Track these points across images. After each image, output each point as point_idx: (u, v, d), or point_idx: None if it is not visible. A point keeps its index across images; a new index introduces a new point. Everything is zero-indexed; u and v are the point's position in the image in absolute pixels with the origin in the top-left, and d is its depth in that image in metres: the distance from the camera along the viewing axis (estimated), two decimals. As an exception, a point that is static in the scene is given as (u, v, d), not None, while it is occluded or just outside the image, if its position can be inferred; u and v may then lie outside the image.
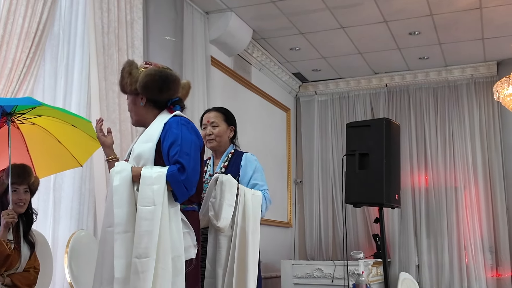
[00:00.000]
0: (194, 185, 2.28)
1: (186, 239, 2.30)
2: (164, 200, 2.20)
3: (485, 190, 6.62)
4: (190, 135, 2.32)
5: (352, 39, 6.15)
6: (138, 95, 2.41)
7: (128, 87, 2.42)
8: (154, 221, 2.16)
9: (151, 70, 2.40)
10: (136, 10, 4.16)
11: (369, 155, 3.55)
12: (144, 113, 2.43)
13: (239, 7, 5.43)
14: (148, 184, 2.20)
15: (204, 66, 5.44)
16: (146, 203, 2.18)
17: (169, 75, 2.42)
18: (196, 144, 2.33)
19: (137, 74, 2.40)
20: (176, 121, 2.36)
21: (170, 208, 2.24)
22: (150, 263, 2.12)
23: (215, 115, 3.11)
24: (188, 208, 2.40)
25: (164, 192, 2.20)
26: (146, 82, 2.36)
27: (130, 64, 2.46)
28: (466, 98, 6.88)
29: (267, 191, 2.97)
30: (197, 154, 2.33)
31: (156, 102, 2.43)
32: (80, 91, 3.70)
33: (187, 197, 2.28)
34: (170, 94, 2.42)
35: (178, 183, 2.22)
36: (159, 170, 2.24)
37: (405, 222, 6.89)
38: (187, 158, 2.25)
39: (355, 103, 7.43)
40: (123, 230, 2.18)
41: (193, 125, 2.42)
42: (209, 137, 3.06)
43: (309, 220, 7.39)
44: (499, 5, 5.26)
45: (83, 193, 3.64)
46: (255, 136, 6.48)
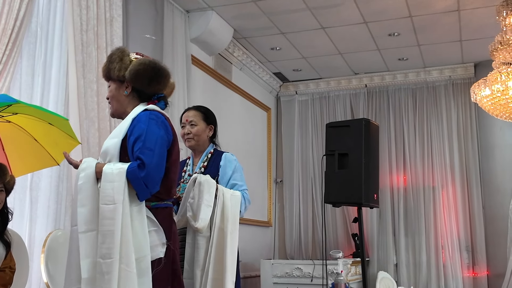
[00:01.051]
0: (157, 182, 2.19)
1: (153, 238, 2.21)
2: (125, 198, 2.13)
3: (462, 190, 6.72)
4: (157, 130, 2.24)
5: (333, 40, 6.18)
6: (123, 83, 2.36)
7: (116, 73, 2.35)
8: (116, 220, 2.09)
9: (145, 60, 2.36)
10: (116, 8, 4.12)
11: (349, 155, 3.57)
12: (126, 104, 2.37)
13: (220, 6, 5.42)
14: (109, 181, 2.14)
15: (185, 65, 5.41)
16: (107, 201, 2.12)
17: (162, 68, 2.38)
18: (163, 139, 2.24)
19: (128, 61, 2.36)
20: (145, 115, 2.28)
21: (133, 207, 2.16)
22: (114, 264, 2.06)
23: (194, 114, 3.10)
24: (158, 205, 2.30)
25: (124, 189, 2.13)
26: (138, 70, 2.31)
27: (122, 51, 2.41)
28: (444, 99, 6.97)
29: (246, 191, 2.97)
30: (163, 150, 2.24)
31: (141, 94, 2.37)
32: (58, 89, 3.65)
33: (148, 194, 2.19)
34: (158, 88, 2.38)
35: (138, 180, 2.14)
36: (121, 167, 2.17)
37: (384, 221, 6.96)
38: (149, 154, 2.16)
39: (335, 103, 7.48)
40: (87, 229, 2.13)
41: (164, 119, 2.32)
42: (187, 136, 3.05)
43: (289, 219, 7.41)
44: (477, 7, 5.34)
45: (60, 192, 3.59)
46: (235, 135, 6.47)
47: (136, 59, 2.38)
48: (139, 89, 2.36)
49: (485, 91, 4.48)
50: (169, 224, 2.30)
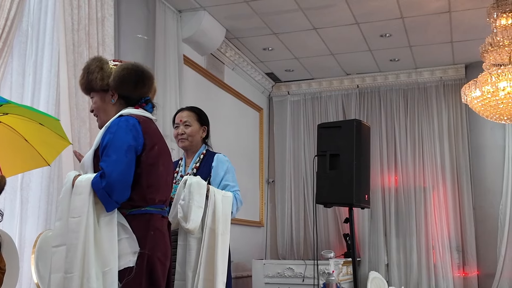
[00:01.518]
0: (121, 191, 2.11)
1: (123, 246, 2.12)
2: (89, 210, 2.08)
3: (452, 190, 6.76)
4: (124, 135, 2.16)
5: (325, 40, 6.20)
6: (108, 92, 2.31)
7: (99, 83, 2.29)
8: (79, 233, 2.05)
9: (127, 64, 2.32)
10: (107, 7, 4.10)
11: (340, 156, 3.57)
12: (113, 112, 2.30)
13: (212, 6, 5.42)
14: (78, 194, 2.11)
15: (177, 65, 5.40)
16: (74, 214, 2.09)
17: (145, 71, 2.34)
18: (128, 145, 2.15)
19: (109, 69, 2.30)
20: (116, 122, 2.22)
21: (102, 217, 2.11)
22: (74, 279, 2.03)
23: (188, 114, 3.10)
24: (136, 211, 2.20)
25: (89, 200, 2.09)
26: (122, 76, 2.26)
27: (100, 60, 2.35)
28: (435, 99, 7.01)
29: (238, 192, 2.97)
30: (128, 156, 2.14)
31: (128, 99, 2.32)
32: (48, 88, 3.63)
33: (114, 204, 2.11)
34: (144, 91, 2.33)
35: (100, 191, 2.09)
36: (87, 178, 2.13)
37: (375, 221, 6.98)
38: (110, 162, 2.11)
39: (327, 103, 7.50)
40: (59, 243, 2.12)
41: (135, 123, 2.22)
42: (181, 137, 3.05)
43: (280, 219, 7.43)
44: (467, 9, 5.38)
45: (51, 192, 3.58)
46: (227, 135, 6.47)
47: (116, 66, 2.33)
48: (125, 95, 2.31)
49: (476, 92, 4.51)
50: (145, 232, 2.18)
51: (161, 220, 2.30)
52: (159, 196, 2.28)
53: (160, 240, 2.25)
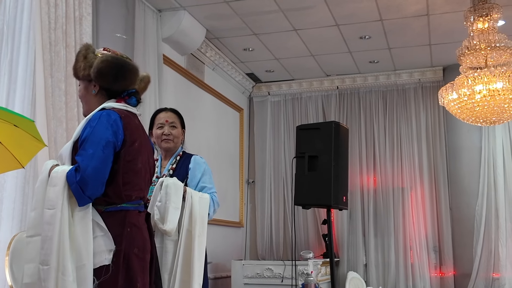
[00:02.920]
0: (95, 187, 2.08)
1: (98, 243, 2.10)
2: (64, 203, 2.06)
3: (430, 191, 6.84)
4: (103, 130, 2.14)
5: (305, 41, 6.22)
6: (91, 82, 2.29)
7: (81, 72, 2.28)
8: (54, 226, 2.04)
9: (107, 56, 2.27)
10: (85, 6, 4.06)
11: (318, 158, 3.59)
12: (95, 102, 2.28)
13: (193, 6, 5.40)
14: (53, 185, 2.09)
15: (156, 64, 5.37)
16: (49, 206, 2.08)
17: (126, 64, 2.29)
18: (107, 140, 2.13)
19: (93, 59, 2.27)
20: (97, 115, 2.19)
21: (76, 212, 2.09)
22: (50, 271, 2.02)
23: (174, 116, 3.10)
24: (111, 208, 2.18)
25: (63, 194, 2.07)
26: (100, 69, 2.22)
27: (87, 48, 2.32)
28: (414, 101, 7.09)
29: (215, 194, 2.96)
30: (106, 152, 2.12)
31: (109, 92, 2.29)
32: (24, 88, 3.57)
33: (87, 199, 2.09)
34: (126, 84, 2.29)
35: (74, 185, 2.07)
36: (63, 170, 2.12)
37: (354, 222, 7.03)
38: (86, 157, 2.08)
39: (307, 104, 7.53)
40: (34, 233, 2.11)
41: (117, 118, 2.19)
42: (167, 137, 3.03)
43: (260, 220, 7.43)
44: (445, 12, 5.44)
45: (26, 193, 3.52)
46: (207, 135, 6.45)
47: (102, 55, 2.29)
48: (106, 87, 2.28)
49: (452, 95, 4.57)
50: (121, 229, 2.16)
51: (137, 216, 2.27)
52: (136, 193, 2.27)
53: (137, 235, 2.23)
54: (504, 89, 4.32)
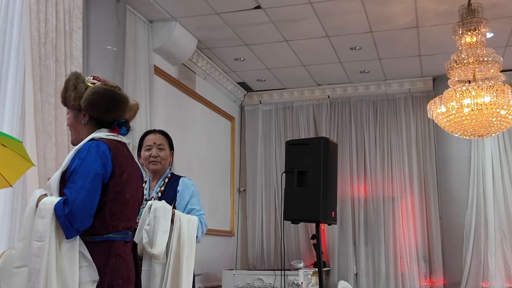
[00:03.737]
0: (83, 219, 2.09)
1: (83, 274, 2.09)
2: (52, 235, 2.07)
3: (420, 200, 6.88)
4: (92, 162, 2.14)
5: (296, 52, 6.25)
6: (81, 111, 2.29)
7: (72, 102, 2.28)
8: (42, 258, 2.04)
9: (99, 88, 2.27)
10: (76, 20, 4.05)
11: (308, 173, 3.60)
12: (84, 132, 2.29)
13: (184, 17, 5.41)
14: (41, 217, 2.09)
15: (147, 75, 5.37)
16: (37, 238, 2.07)
17: (118, 96, 2.29)
18: (95, 173, 2.13)
19: (83, 89, 2.27)
20: (86, 146, 2.20)
21: (64, 243, 2.09)
22: None
23: (162, 138, 3.10)
24: (97, 239, 2.18)
25: (51, 226, 2.07)
26: (92, 100, 2.23)
27: (77, 77, 2.31)
28: (404, 111, 7.13)
29: (203, 216, 2.97)
30: (94, 185, 2.12)
31: (99, 122, 2.30)
32: (13, 103, 3.56)
33: (74, 232, 2.09)
34: (117, 115, 2.30)
35: (62, 217, 2.07)
36: (51, 201, 2.12)
37: (345, 231, 7.06)
38: (75, 190, 2.08)
39: (299, 113, 7.56)
40: (21, 264, 2.11)
41: (106, 149, 2.20)
42: (155, 159, 3.02)
43: (251, 229, 7.44)
44: (434, 24, 5.49)
45: (15, 208, 3.51)
46: (199, 144, 6.46)
47: (92, 84, 2.29)
48: (97, 118, 2.29)
49: (441, 109, 4.61)
50: (106, 259, 2.16)
51: (123, 246, 2.28)
52: (123, 224, 2.27)
53: (122, 266, 2.23)
54: (492, 103, 4.36)
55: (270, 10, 5.21)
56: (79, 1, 4.08)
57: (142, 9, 5.22)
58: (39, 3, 3.68)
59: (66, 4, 3.95)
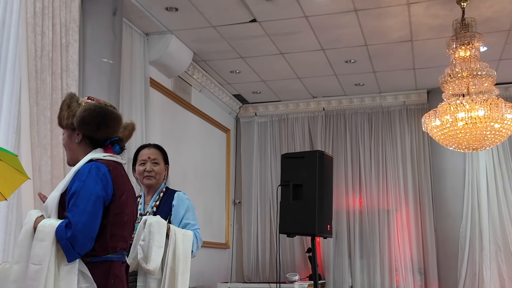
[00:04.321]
0: (85, 243, 2.09)
1: None
2: (51, 259, 2.05)
3: (415, 213, 6.90)
4: (93, 185, 2.14)
5: (291, 65, 6.28)
6: (74, 131, 2.29)
7: (65, 121, 2.30)
8: (39, 282, 2.03)
9: (90, 105, 2.28)
10: (72, 33, 4.07)
11: (303, 186, 3.62)
12: (78, 151, 2.29)
13: (180, 30, 5.44)
14: (40, 240, 2.07)
15: (143, 87, 5.39)
16: (34, 261, 2.05)
17: (109, 112, 2.30)
18: (97, 195, 2.13)
19: (76, 108, 2.28)
20: (86, 168, 2.19)
21: (63, 266, 2.08)
22: None
23: (157, 152, 3.09)
24: (96, 259, 2.18)
25: (52, 249, 2.06)
26: (83, 117, 2.24)
27: (71, 97, 2.33)
28: (399, 123, 7.17)
29: (198, 230, 2.96)
30: (96, 208, 2.12)
31: (92, 140, 2.30)
32: (9, 116, 3.56)
33: (76, 255, 2.09)
34: (109, 132, 2.31)
35: (64, 241, 2.06)
36: (51, 224, 2.10)
37: (340, 243, 7.05)
38: (77, 213, 2.08)
39: (294, 125, 7.58)
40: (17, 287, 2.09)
41: (106, 172, 2.21)
42: (149, 174, 3.01)
43: (247, 241, 7.42)
44: (428, 38, 5.54)
45: (9, 222, 3.49)
46: (194, 156, 6.47)
47: (86, 103, 2.30)
48: (89, 136, 2.30)
49: (435, 122, 4.63)
50: (105, 280, 2.16)
51: (120, 267, 2.27)
52: (121, 244, 2.27)
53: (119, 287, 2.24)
54: (486, 117, 4.39)
55: (265, 24, 5.25)
56: (75, 15, 4.10)
57: (138, 22, 5.25)
58: (36, 17, 3.69)
59: (63, 17, 3.97)
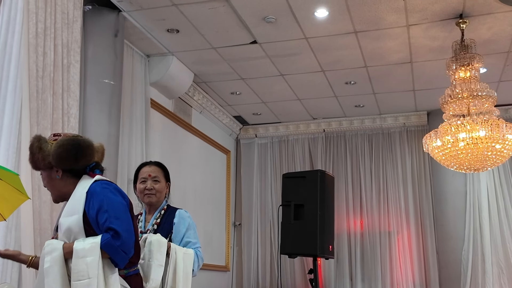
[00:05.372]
0: (132, 246, 2.23)
1: None
2: (99, 272, 2.15)
3: (416, 234, 6.84)
4: (115, 197, 2.27)
5: (291, 86, 6.30)
6: (53, 169, 2.34)
7: (41, 162, 2.33)
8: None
9: (62, 140, 2.33)
10: (74, 54, 4.08)
11: (304, 206, 3.60)
12: (63, 186, 2.35)
13: (181, 51, 5.48)
14: (81, 257, 2.15)
15: (144, 108, 5.40)
16: (80, 277, 2.13)
17: (82, 142, 2.36)
18: (123, 205, 2.28)
19: (48, 147, 2.33)
20: (98, 186, 2.29)
21: (109, 277, 2.18)
22: None
23: (157, 170, 3.06)
24: (130, 272, 2.34)
25: (98, 263, 2.15)
26: (59, 154, 2.29)
27: (38, 139, 2.37)
28: (399, 145, 7.17)
29: (199, 249, 2.92)
30: (127, 215, 2.27)
31: (73, 172, 2.36)
32: (9, 136, 3.54)
33: (127, 260, 2.23)
34: (87, 160, 2.36)
35: (116, 250, 2.16)
36: (93, 241, 2.18)
37: (341, 266, 6.98)
38: (119, 223, 2.19)
39: (294, 146, 7.57)
40: None
41: (116, 185, 2.36)
42: (150, 192, 2.99)
43: (247, 263, 7.35)
44: (428, 60, 5.57)
45: (8, 242, 3.45)
46: (194, 178, 6.44)
47: (55, 141, 2.34)
48: (69, 169, 2.35)
49: (437, 142, 4.62)
50: None
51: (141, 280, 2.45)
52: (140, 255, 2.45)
53: None
54: (487, 137, 4.39)
55: (266, 45, 5.28)
56: (77, 35, 4.12)
57: (140, 44, 5.28)
58: (38, 37, 3.71)
59: (65, 38, 3.99)
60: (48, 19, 3.82)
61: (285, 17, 4.74)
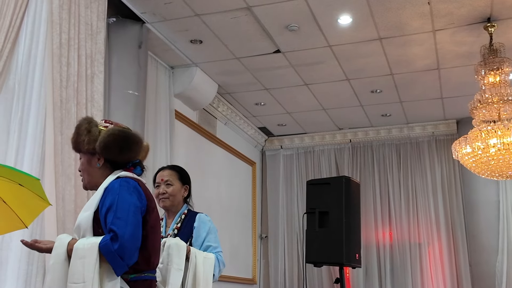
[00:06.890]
0: (133, 253, 2.05)
1: None
2: (95, 276, 2.00)
3: (448, 246, 6.64)
4: (129, 197, 2.12)
5: (316, 96, 6.24)
6: (95, 155, 2.26)
7: (85, 146, 2.26)
8: None
9: (114, 129, 2.26)
10: (98, 64, 4.12)
11: (329, 213, 3.52)
12: (100, 176, 2.26)
13: (204, 62, 5.49)
14: (80, 258, 2.02)
15: (168, 120, 5.41)
16: (75, 280, 1.99)
17: (132, 136, 2.29)
18: (135, 206, 2.12)
19: (96, 132, 2.26)
20: (116, 183, 2.17)
21: (106, 282, 2.02)
22: None
23: (170, 173, 3.03)
24: (138, 277, 2.14)
25: (95, 265, 2.00)
26: (107, 142, 2.22)
27: (89, 122, 2.30)
28: (428, 154, 7.00)
29: (220, 253, 2.86)
30: (137, 218, 2.11)
31: (113, 164, 2.27)
32: (34, 145, 3.58)
33: (125, 268, 2.04)
34: (131, 156, 2.29)
35: (111, 254, 2.00)
36: (93, 241, 2.05)
37: (370, 279, 6.82)
38: (121, 224, 2.04)
39: (320, 158, 7.48)
40: None
41: (136, 185, 2.20)
42: (163, 196, 2.96)
43: (274, 276, 7.25)
44: (455, 66, 5.45)
45: (32, 252, 3.45)
46: (219, 190, 6.40)
47: (105, 127, 2.28)
48: (111, 160, 2.27)
49: (466, 149, 4.49)
50: None
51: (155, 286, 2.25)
52: (157, 260, 2.24)
53: None
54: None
55: (289, 54, 5.25)
56: (101, 46, 4.16)
57: (163, 55, 5.31)
58: (62, 48, 3.75)
59: (88, 49, 4.03)
60: (72, 30, 3.86)
61: (308, 25, 4.70)
